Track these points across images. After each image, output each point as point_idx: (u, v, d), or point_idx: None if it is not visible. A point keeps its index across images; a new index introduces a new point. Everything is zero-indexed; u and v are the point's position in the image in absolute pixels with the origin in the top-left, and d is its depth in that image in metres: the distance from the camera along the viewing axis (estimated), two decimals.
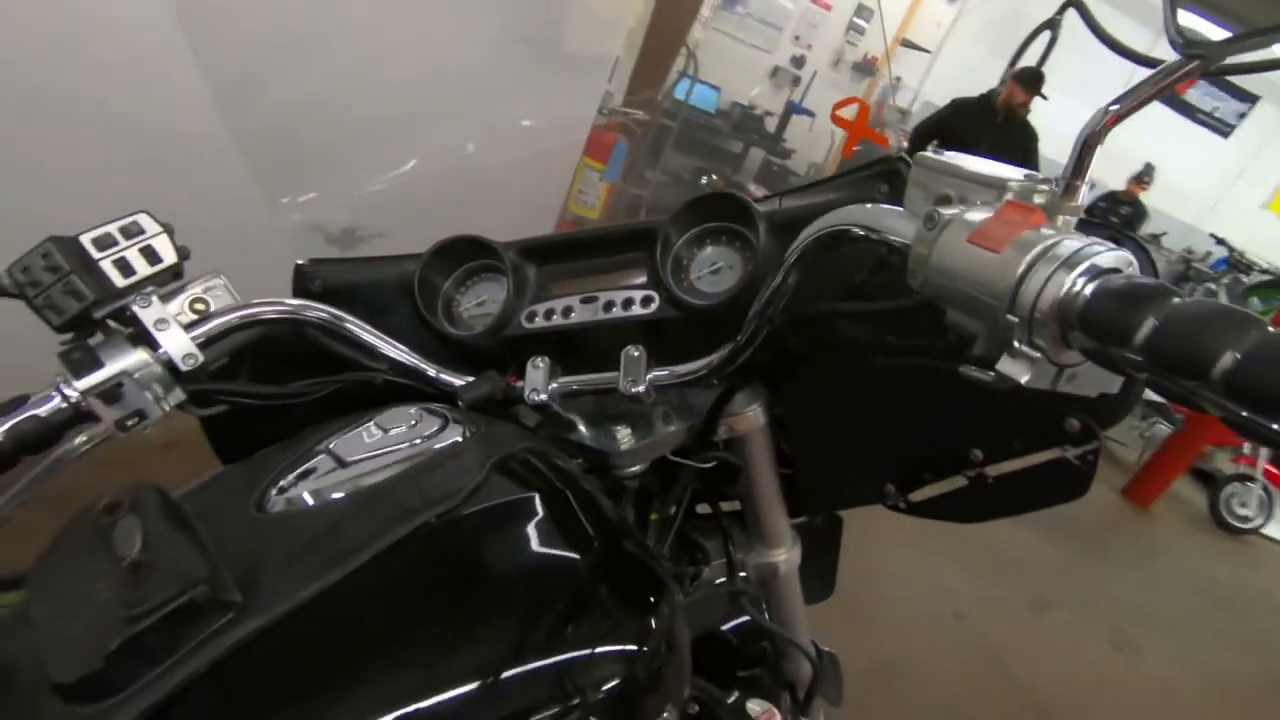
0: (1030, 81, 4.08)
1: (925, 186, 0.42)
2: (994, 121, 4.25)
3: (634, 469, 0.71)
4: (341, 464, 0.50)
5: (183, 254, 0.56)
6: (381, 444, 0.52)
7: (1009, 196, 0.37)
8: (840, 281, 0.53)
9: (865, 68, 6.58)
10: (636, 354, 0.62)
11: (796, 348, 0.59)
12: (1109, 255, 0.33)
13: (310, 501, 0.48)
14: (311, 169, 0.81)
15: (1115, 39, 0.54)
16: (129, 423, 0.52)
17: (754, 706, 0.76)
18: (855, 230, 0.46)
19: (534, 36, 1.49)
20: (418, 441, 0.52)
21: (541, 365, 0.65)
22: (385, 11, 1.03)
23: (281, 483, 0.50)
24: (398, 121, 1.06)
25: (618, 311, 0.66)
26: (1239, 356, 0.26)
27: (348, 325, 0.64)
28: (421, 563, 0.46)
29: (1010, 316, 0.34)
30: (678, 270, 0.66)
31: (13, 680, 0.40)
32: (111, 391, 0.51)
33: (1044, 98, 4.17)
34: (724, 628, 1.07)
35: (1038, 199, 0.38)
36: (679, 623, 0.59)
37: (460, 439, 0.53)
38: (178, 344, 0.54)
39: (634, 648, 0.52)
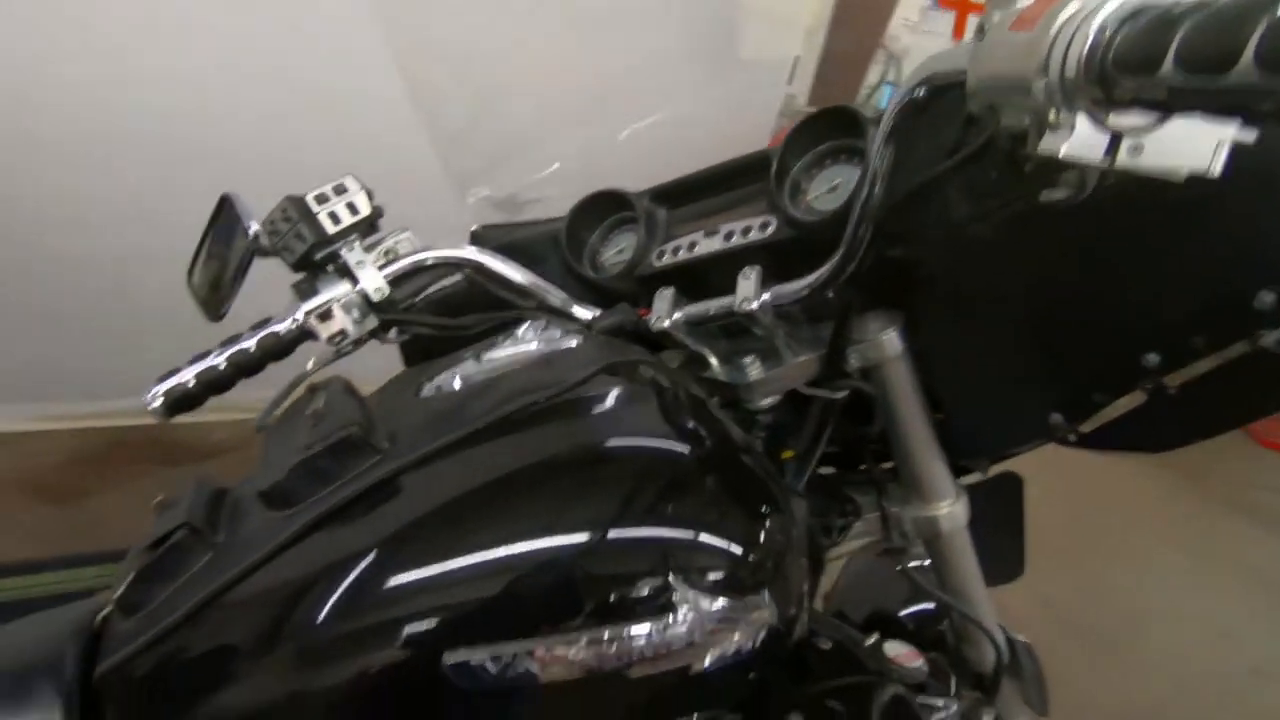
0: None
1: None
2: None
3: (765, 402, 0.72)
4: (479, 361, 0.59)
5: (377, 211, 0.69)
6: (513, 345, 0.60)
7: None
8: (938, 157, 0.50)
9: None
10: (752, 274, 0.64)
11: (907, 246, 0.56)
12: None
13: (456, 387, 0.57)
14: (495, 166, 0.96)
15: None
16: (337, 339, 0.66)
17: (893, 648, 0.70)
18: (932, 83, 0.44)
19: (709, 43, 1.55)
20: (542, 345, 0.60)
21: (667, 295, 0.69)
22: (563, 26, 1.17)
23: (436, 377, 0.60)
24: (576, 130, 1.17)
25: (737, 239, 0.68)
26: (1268, 23, 0.22)
27: (503, 268, 0.74)
28: (535, 434, 0.52)
29: (1041, 84, 0.31)
30: (796, 194, 0.67)
31: (244, 501, 0.54)
32: (325, 314, 0.66)
33: None
34: (901, 614, 0.99)
35: None
36: (794, 550, 0.58)
37: (576, 344, 0.59)
38: (372, 280, 0.68)
39: (739, 551, 0.52)
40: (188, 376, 0.63)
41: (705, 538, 0.51)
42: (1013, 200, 0.45)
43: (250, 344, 0.64)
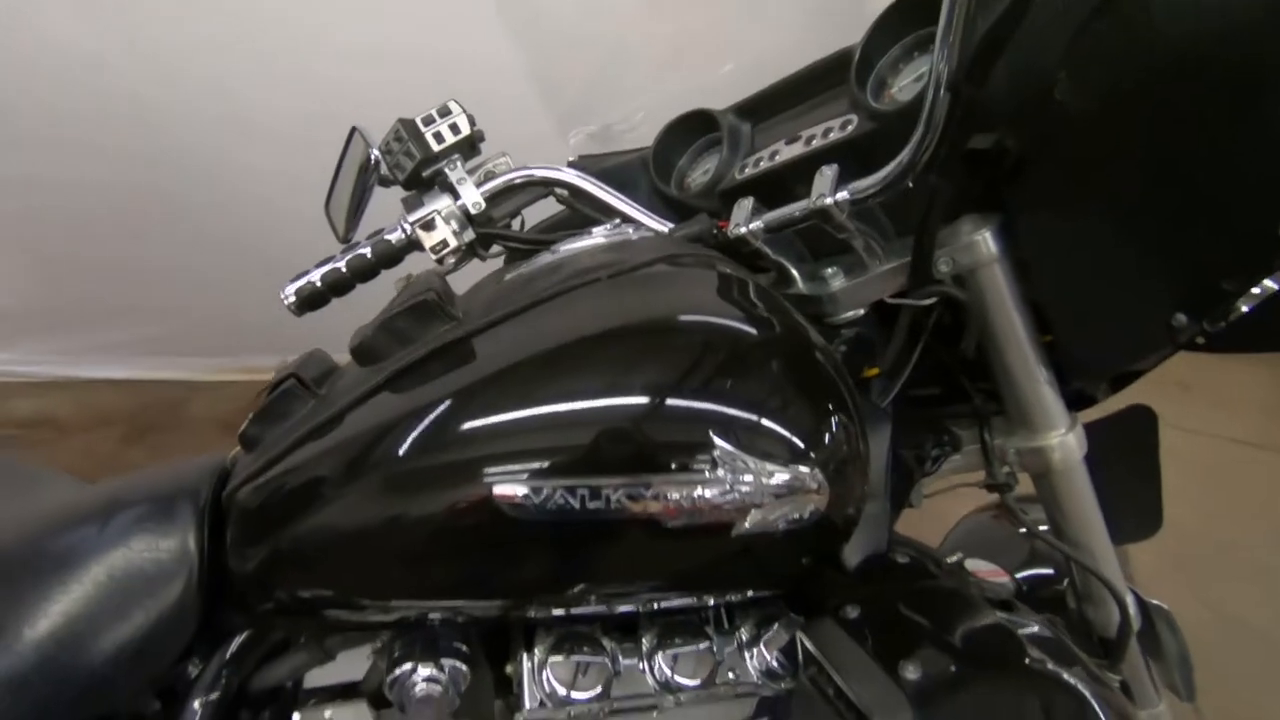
0: None
1: None
2: None
3: (847, 315, 0.69)
4: (555, 253, 0.63)
5: (478, 133, 0.75)
6: (587, 239, 0.63)
7: None
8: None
9: None
10: (828, 171, 0.62)
11: (996, 127, 0.52)
12: None
13: (531, 271, 0.62)
14: (597, 106, 0.99)
15: None
16: (438, 248, 0.73)
17: (975, 564, 0.65)
18: None
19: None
20: (612, 237, 0.62)
21: (745, 203, 0.69)
22: None
23: (521, 267, 0.64)
24: (682, 75, 1.17)
25: (818, 142, 0.66)
26: None
27: (591, 188, 0.77)
28: (597, 304, 0.55)
29: None
30: (880, 91, 0.64)
31: (346, 366, 0.61)
32: (428, 224, 0.72)
33: None
34: (1017, 576, 0.92)
35: None
36: (859, 454, 0.57)
37: (644, 235, 0.61)
38: (471, 195, 0.73)
39: (793, 434, 0.52)
40: (315, 277, 0.72)
41: (758, 413, 0.51)
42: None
43: (366, 250, 0.72)
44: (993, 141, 0.56)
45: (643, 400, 0.49)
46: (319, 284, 0.72)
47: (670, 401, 0.49)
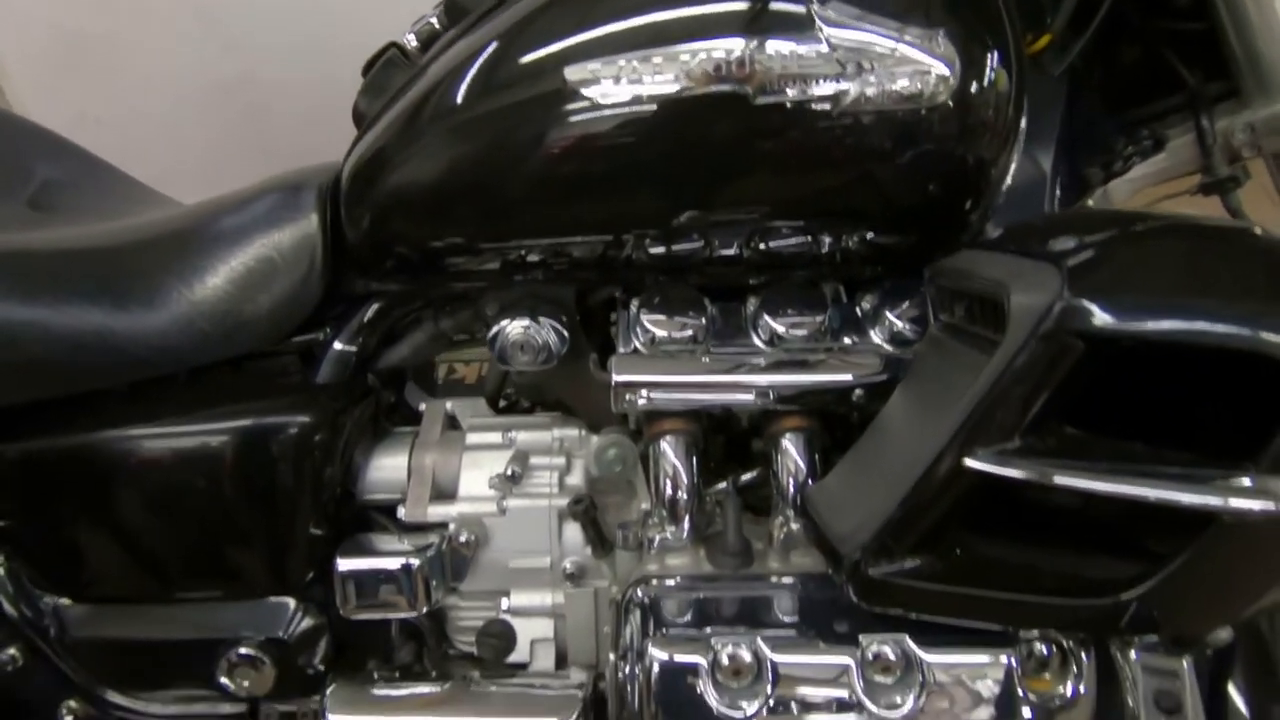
0: None
1: None
2: None
3: None
4: None
5: None
6: None
7: None
8: None
9: None
10: None
11: None
12: None
13: None
14: None
15: None
16: None
17: None
18: None
19: None
20: None
21: None
22: None
23: None
24: None
25: None
26: None
27: None
28: None
29: None
30: None
31: None
32: None
33: None
34: None
35: None
36: (1003, 98, 0.49)
37: None
38: None
39: (923, 25, 0.45)
40: (432, 16, 0.73)
41: None
42: None
43: None
44: None
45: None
46: (436, 24, 0.73)
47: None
